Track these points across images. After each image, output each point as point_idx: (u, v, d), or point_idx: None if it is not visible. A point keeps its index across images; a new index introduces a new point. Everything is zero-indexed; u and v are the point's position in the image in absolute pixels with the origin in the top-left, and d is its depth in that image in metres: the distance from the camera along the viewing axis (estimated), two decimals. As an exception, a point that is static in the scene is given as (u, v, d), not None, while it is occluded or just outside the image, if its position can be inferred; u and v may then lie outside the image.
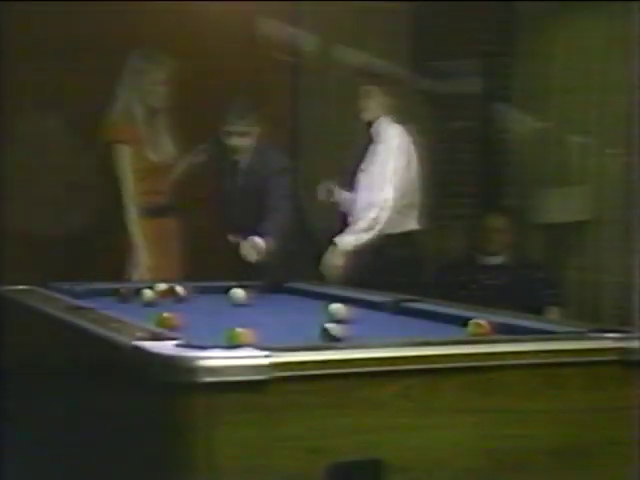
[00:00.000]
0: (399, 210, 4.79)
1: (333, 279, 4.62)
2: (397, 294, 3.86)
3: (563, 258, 5.96)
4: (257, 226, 4.63)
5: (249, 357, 2.37)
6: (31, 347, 3.61)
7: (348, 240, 4.72)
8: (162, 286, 4.12)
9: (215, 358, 2.35)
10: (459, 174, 6.41)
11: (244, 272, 4.57)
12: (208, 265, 4.86)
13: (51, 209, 5.61)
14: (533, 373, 2.64)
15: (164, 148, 5.10)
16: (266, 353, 2.38)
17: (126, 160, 5.00)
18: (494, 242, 5.61)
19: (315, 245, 4.93)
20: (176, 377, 2.35)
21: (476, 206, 6.16)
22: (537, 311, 5.24)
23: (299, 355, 2.45)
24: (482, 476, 2.56)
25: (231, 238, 4.51)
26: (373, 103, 4.89)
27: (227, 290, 4.07)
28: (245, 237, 4.57)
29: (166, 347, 2.46)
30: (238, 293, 3.99)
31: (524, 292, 5.43)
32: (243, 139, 4.96)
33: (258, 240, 4.49)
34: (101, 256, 5.14)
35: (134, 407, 2.57)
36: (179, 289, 4.13)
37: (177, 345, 2.47)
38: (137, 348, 2.52)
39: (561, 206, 5.83)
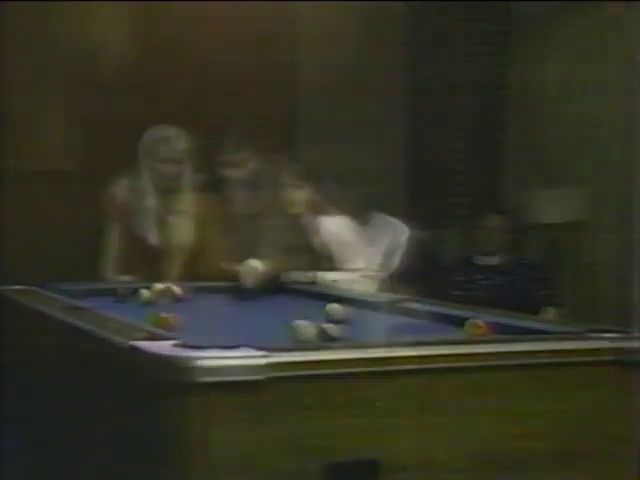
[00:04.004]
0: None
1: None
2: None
3: (561, 258, 5.97)
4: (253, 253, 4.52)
5: (246, 357, 2.37)
6: (30, 347, 3.61)
7: (333, 276, 4.72)
8: (159, 286, 4.12)
9: (212, 358, 2.35)
10: (457, 174, 6.42)
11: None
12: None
13: (51, 209, 5.62)
14: (531, 373, 2.64)
15: (175, 230, 4.88)
16: (263, 353, 2.38)
17: (114, 238, 4.90)
18: (491, 242, 5.61)
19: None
20: (173, 377, 2.35)
21: (474, 206, 6.17)
22: (534, 311, 5.25)
23: (296, 355, 2.45)
24: (480, 477, 2.56)
25: (224, 265, 4.44)
26: (301, 198, 4.85)
27: (225, 290, 4.08)
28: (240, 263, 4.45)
29: (163, 347, 2.46)
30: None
31: (521, 292, 5.44)
32: (237, 170, 4.88)
33: (255, 263, 4.40)
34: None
35: (132, 407, 2.58)
36: (176, 289, 4.14)
37: (174, 345, 2.47)
38: (134, 348, 2.52)
39: (559, 206, 5.84)
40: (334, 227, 4.76)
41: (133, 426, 2.58)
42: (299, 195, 4.82)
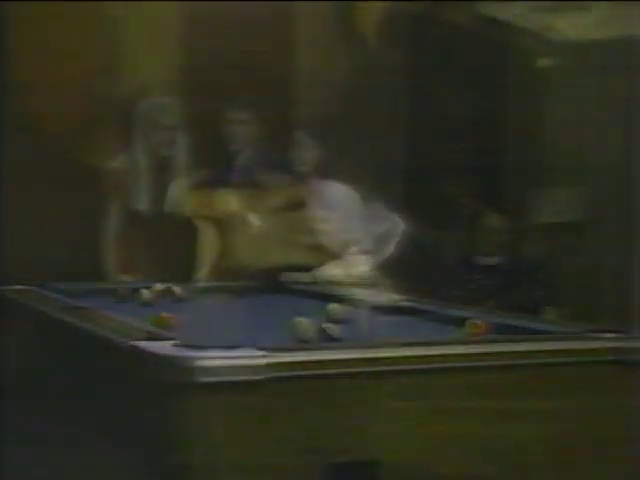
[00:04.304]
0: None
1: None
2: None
3: (561, 258, 5.97)
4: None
5: (246, 357, 2.37)
6: (30, 347, 3.61)
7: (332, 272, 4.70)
8: (159, 286, 4.12)
9: (212, 358, 2.35)
10: (457, 174, 6.42)
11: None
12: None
13: (51, 207, 5.62)
14: (530, 373, 2.64)
15: (171, 198, 4.95)
16: (263, 353, 2.38)
17: (114, 217, 4.96)
18: (491, 242, 5.61)
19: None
20: (173, 377, 2.35)
21: (474, 206, 6.16)
22: (534, 311, 5.24)
23: (296, 355, 2.45)
24: (479, 477, 2.57)
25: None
26: (309, 155, 4.86)
27: (226, 290, 4.08)
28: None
29: (163, 347, 2.46)
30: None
31: (521, 292, 5.44)
32: (242, 127, 4.93)
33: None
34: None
35: (132, 407, 2.58)
36: (176, 289, 4.14)
37: (174, 345, 2.47)
38: (134, 348, 2.52)
39: (559, 206, 5.84)
40: (337, 192, 4.77)
41: (133, 426, 2.58)
42: (308, 154, 4.83)
